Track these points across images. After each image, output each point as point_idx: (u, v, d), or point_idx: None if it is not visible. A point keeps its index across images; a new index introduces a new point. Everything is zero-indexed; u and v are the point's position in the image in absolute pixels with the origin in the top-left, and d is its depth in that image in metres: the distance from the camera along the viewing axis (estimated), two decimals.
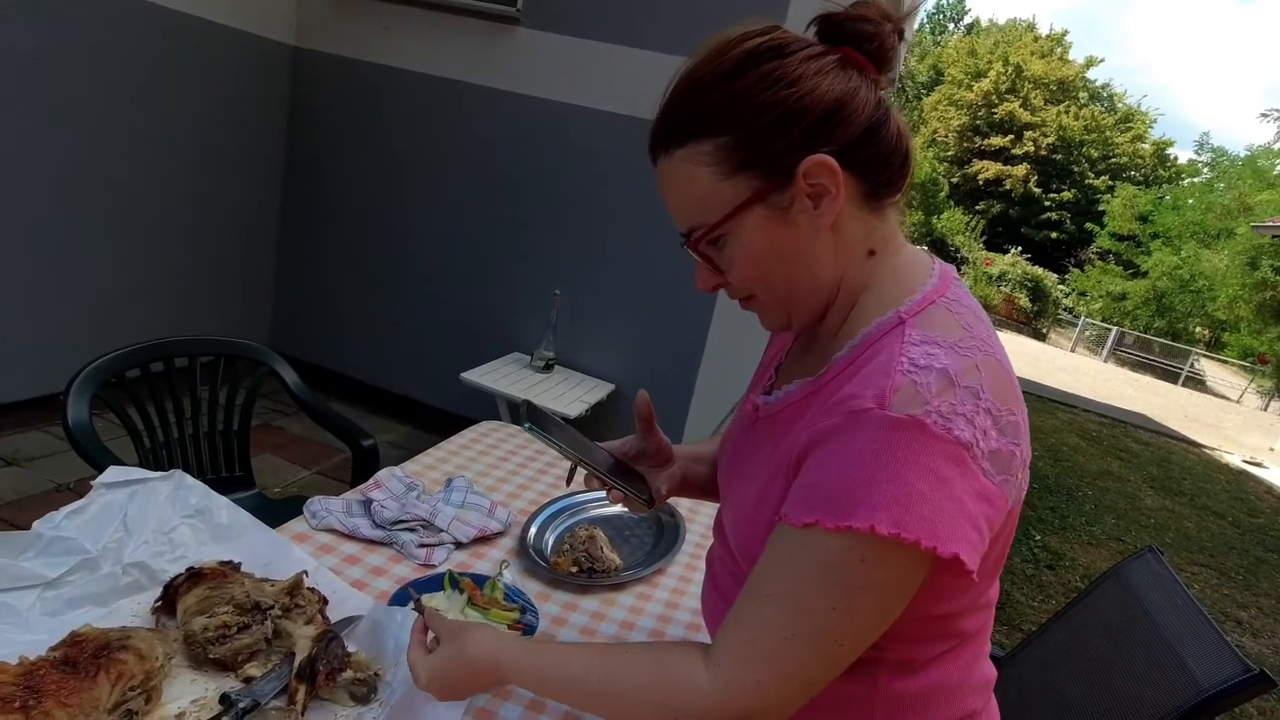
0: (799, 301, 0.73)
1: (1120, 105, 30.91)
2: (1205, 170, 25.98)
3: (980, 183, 27.89)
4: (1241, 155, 25.77)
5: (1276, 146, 23.04)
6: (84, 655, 0.78)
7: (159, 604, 0.94)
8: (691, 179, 0.69)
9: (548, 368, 2.92)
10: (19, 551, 0.92)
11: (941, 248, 24.98)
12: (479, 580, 1.13)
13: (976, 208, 27.34)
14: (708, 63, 0.69)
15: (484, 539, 1.31)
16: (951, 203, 27.46)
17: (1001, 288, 22.24)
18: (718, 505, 0.98)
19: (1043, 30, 31.08)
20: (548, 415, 0.93)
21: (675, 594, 1.28)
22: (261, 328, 3.63)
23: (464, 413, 2.77)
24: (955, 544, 0.58)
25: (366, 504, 1.30)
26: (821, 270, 0.71)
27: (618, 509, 1.50)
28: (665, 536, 1.45)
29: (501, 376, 2.80)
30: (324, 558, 1.17)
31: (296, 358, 3.59)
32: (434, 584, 1.12)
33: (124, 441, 1.66)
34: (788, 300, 0.73)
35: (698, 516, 1.58)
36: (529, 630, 1.05)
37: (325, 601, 1.01)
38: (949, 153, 29.35)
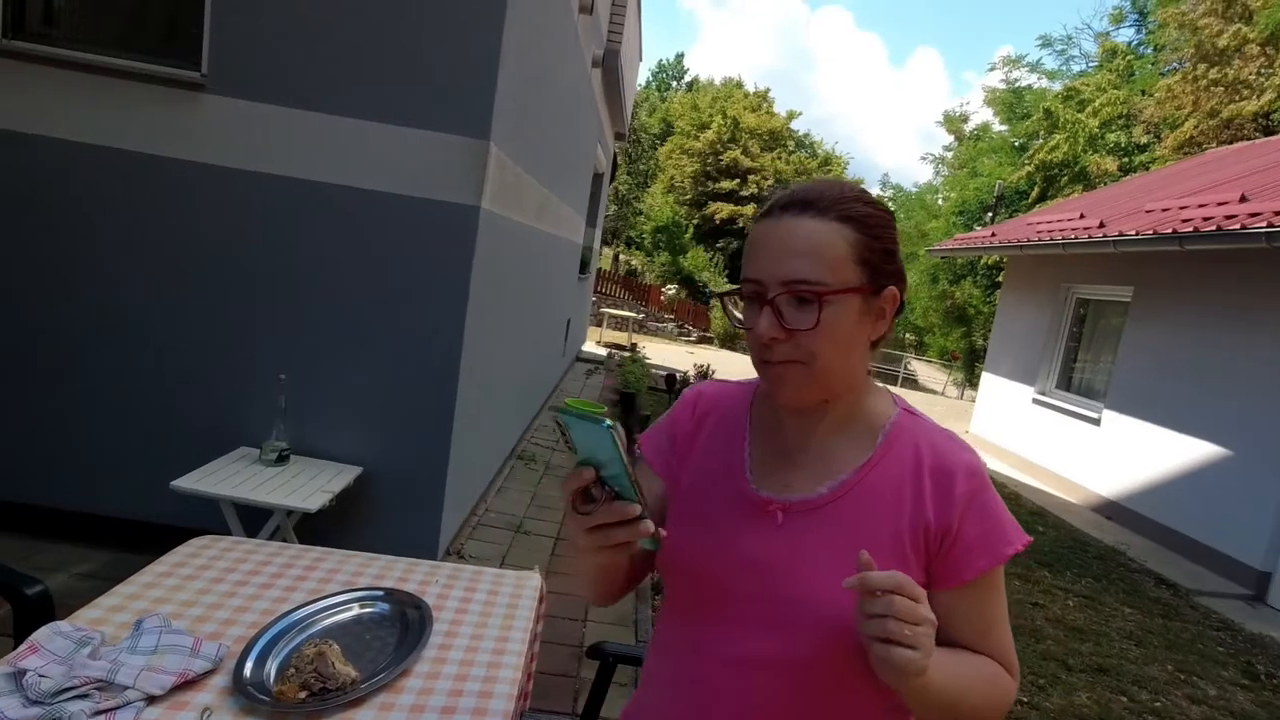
0: (833, 381, 0.89)
1: (820, 151, 35.78)
2: (890, 204, 30.76)
3: (717, 222, 30.55)
4: (914, 191, 30.96)
5: (936, 182, 28.00)
6: None
7: None
8: (834, 244, 0.85)
9: (281, 459, 2.65)
10: None
11: (691, 284, 26.95)
12: None
13: (717, 245, 29.86)
14: (860, 189, 0.91)
15: (187, 684, 1.13)
16: (695, 242, 29.78)
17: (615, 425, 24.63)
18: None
19: (750, 88, 35.12)
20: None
21: (421, 695, 1.20)
22: None
23: (188, 524, 2.41)
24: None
25: (18, 676, 1.07)
26: (856, 365, 0.91)
27: (354, 614, 1.40)
28: (410, 634, 1.36)
29: (226, 478, 2.49)
30: None
31: None
32: None
33: None
34: (825, 376, 0.87)
35: (446, 605, 1.51)
36: None
37: None
38: (687, 196, 31.88)
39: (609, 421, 0.71)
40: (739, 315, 0.93)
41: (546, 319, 6.06)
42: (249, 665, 1.18)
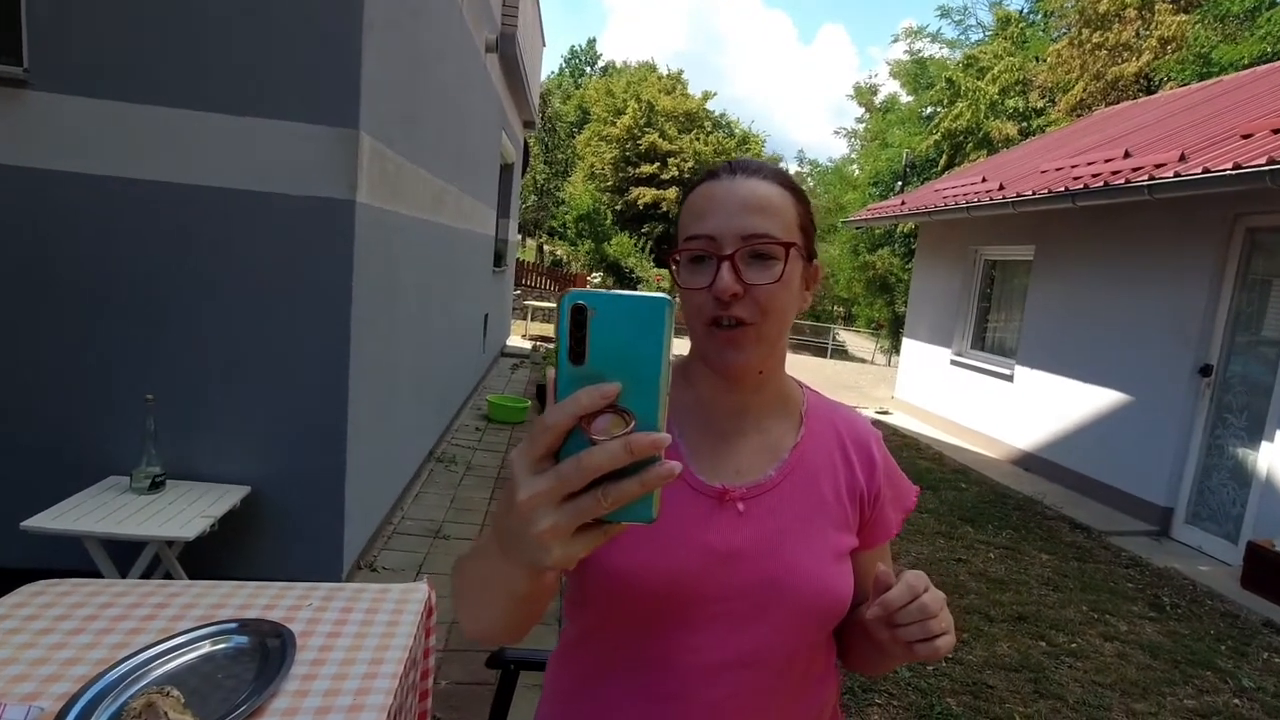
0: (775, 346, 0.87)
1: (737, 130, 36.05)
2: (808, 179, 31.37)
3: (640, 207, 30.50)
4: (830, 165, 31.58)
5: (851, 156, 28.60)
6: None
7: None
8: (785, 206, 0.85)
9: (155, 486, 2.45)
10: None
11: (618, 270, 26.86)
12: None
13: (642, 230, 29.83)
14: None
15: None
16: (618, 228, 29.67)
17: (675, 299, 24.53)
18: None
19: (663, 70, 35.09)
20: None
21: None
22: None
23: (53, 566, 2.20)
24: None
25: None
26: (786, 335, 0.89)
27: (202, 652, 1.27)
28: (270, 666, 1.23)
29: (89, 512, 2.28)
30: None
31: None
32: None
33: None
34: (770, 339, 0.85)
35: (316, 630, 1.39)
36: None
37: None
38: (608, 183, 31.70)
39: (669, 297, 0.48)
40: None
41: (458, 316, 5.87)
42: None
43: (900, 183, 18.97)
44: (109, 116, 2.47)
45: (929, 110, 23.16)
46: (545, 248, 31.03)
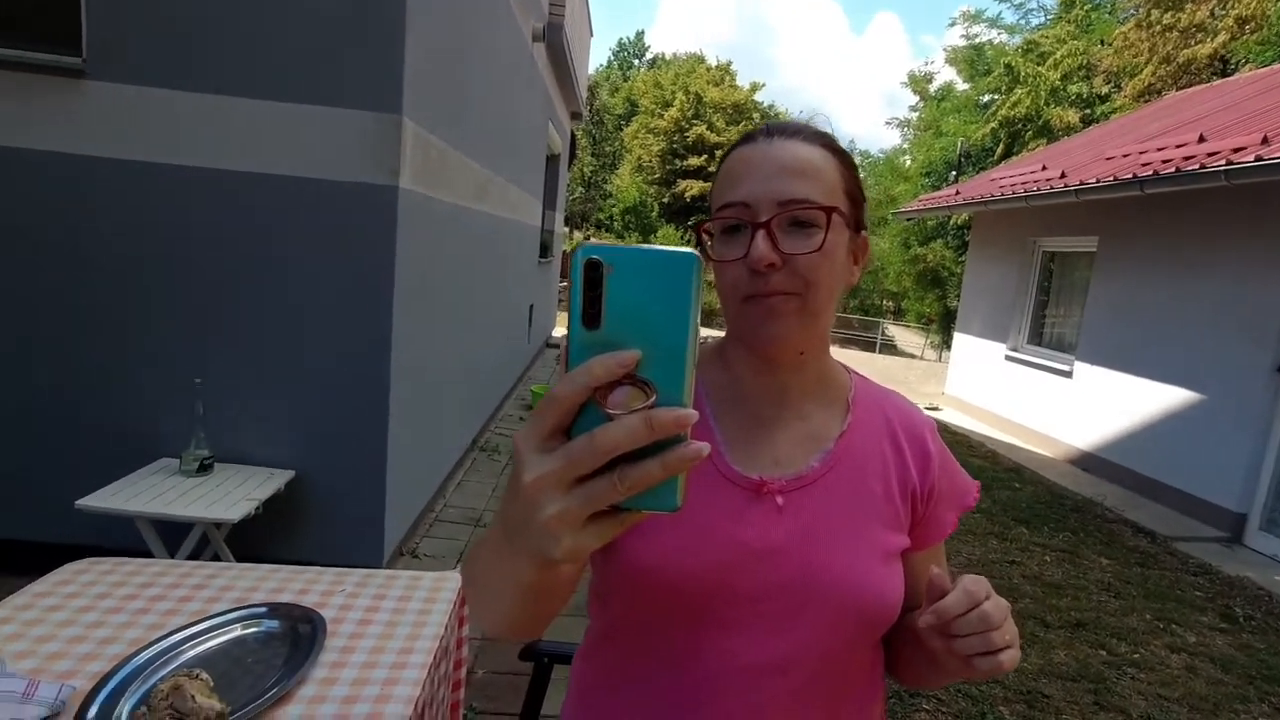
0: (820, 322, 0.79)
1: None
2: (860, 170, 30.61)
3: (688, 199, 30.33)
4: (881, 156, 30.91)
5: (904, 146, 27.94)
6: None
7: None
8: (827, 169, 0.78)
9: (204, 469, 2.49)
10: None
11: None
12: None
13: (688, 223, 29.67)
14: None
15: None
16: (663, 221, 29.56)
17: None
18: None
19: (711, 62, 34.76)
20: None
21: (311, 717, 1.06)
22: None
23: (106, 544, 2.25)
24: None
25: None
26: (832, 313, 0.81)
27: (234, 636, 1.26)
28: (299, 652, 1.22)
29: (140, 492, 2.32)
30: None
31: None
32: None
33: None
34: (815, 314, 0.77)
35: (348, 617, 1.37)
36: None
37: None
38: (655, 175, 31.60)
39: (694, 251, 0.41)
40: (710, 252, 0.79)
41: (503, 305, 5.89)
42: (94, 709, 1.04)
43: (954, 173, 18.41)
44: (158, 104, 2.50)
45: (986, 98, 22.45)
46: (591, 240, 31.12)
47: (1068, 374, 7.17)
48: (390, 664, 1.24)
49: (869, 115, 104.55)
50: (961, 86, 24.74)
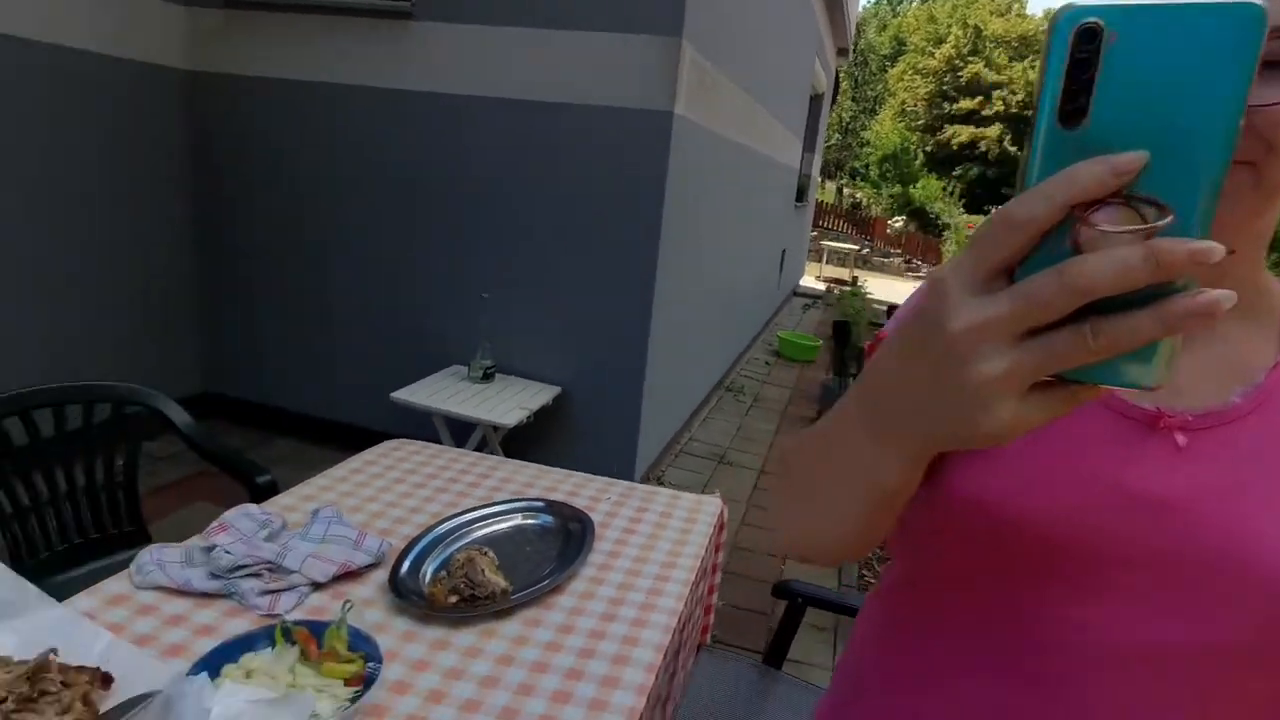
0: (1270, 208, 0.56)
1: None
2: None
3: (954, 148, 27.70)
4: None
5: None
6: None
7: None
8: None
9: (487, 377, 2.74)
10: None
11: (921, 216, 24.83)
12: (317, 629, 0.95)
13: (953, 173, 27.16)
14: None
15: (349, 575, 1.13)
16: (927, 170, 27.29)
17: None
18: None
19: None
20: None
21: (572, 615, 1.10)
22: (191, 374, 3.44)
23: (404, 432, 2.59)
24: None
25: (208, 550, 1.12)
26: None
27: (514, 524, 1.34)
28: (570, 548, 1.27)
29: (435, 392, 2.62)
30: (139, 623, 0.99)
31: (236, 398, 3.44)
32: (261, 639, 0.94)
33: None
34: (1272, 195, 0.54)
35: (613, 524, 1.40)
36: (367, 683, 0.87)
37: (105, 681, 0.83)
38: (919, 121, 29.18)
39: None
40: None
41: (758, 246, 5.79)
42: (405, 565, 1.16)
43: None
44: (469, 39, 2.72)
45: None
46: (845, 190, 29.72)
47: None
48: (654, 575, 1.25)
49: None
50: None
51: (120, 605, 1.02)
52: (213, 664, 0.88)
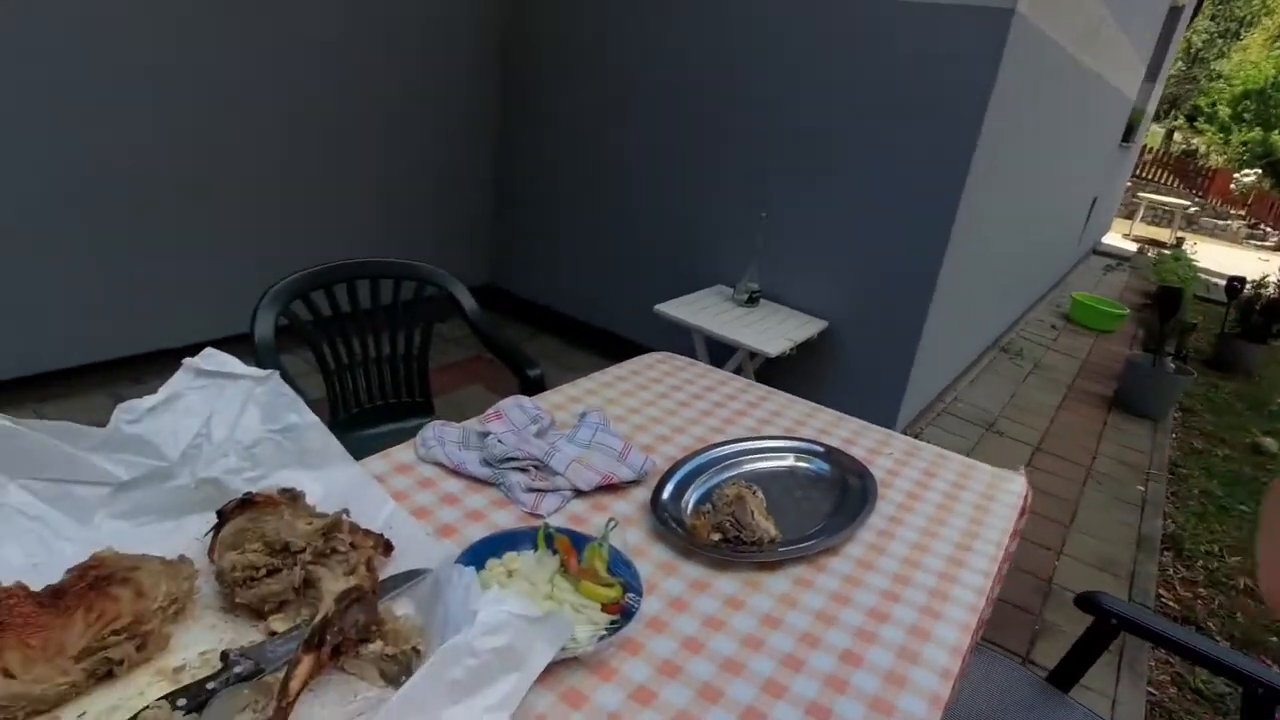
0: None
1: None
2: None
3: None
4: None
5: None
6: (80, 585, 0.67)
7: (210, 532, 0.82)
8: None
9: (752, 301, 2.60)
10: (94, 445, 0.84)
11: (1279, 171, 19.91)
12: (579, 541, 0.89)
13: None
14: None
15: (610, 488, 1.07)
16: None
17: None
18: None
19: None
20: None
21: (847, 584, 0.95)
22: (481, 267, 3.71)
23: (660, 347, 2.57)
24: None
25: (483, 436, 1.12)
26: None
27: (786, 464, 1.20)
28: (848, 503, 1.11)
29: (699, 310, 2.54)
30: (419, 494, 1.01)
31: (513, 294, 3.67)
32: (525, 539, 0.90)
33: (306, 360, 1.67)
34: None
35: (895, 483, 1.21)
36: (626, 615, 0.80)
37: (387, 549, 0.84)
38: None
39: None
40: None
41: (1066, 193, 4.95)
42: (669, 488, 1.07)
43: None
44: None
45: None
46: (1176, 134, 24.74)
47: None
48: (947, 556, 1.05)
49: None
50: None
51: (405, 474, 1.05)
52: (479, 554, 0.86)
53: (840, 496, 1.14)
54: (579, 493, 1.05)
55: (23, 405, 2.41)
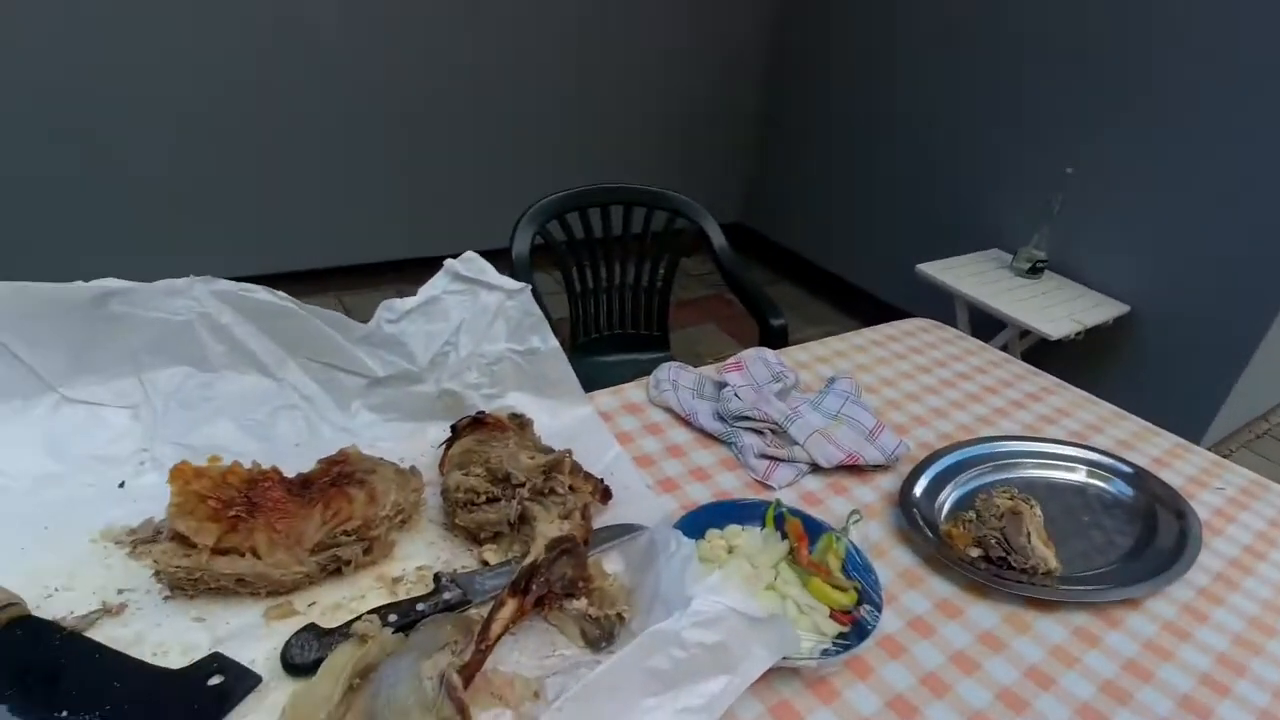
0: None
1: None
2: None
3: None
4: None
5: None
6: (324, 479, 0.69)
7: (443, 445, 0.82)
8: None
9: (1034, 271, 2.23)
10: (358, 338, 0.88)
11: None
12: (813, 527, 0.78)
13: None
14: None
15: (853, 469, 0.94)
16: None
17: None
18: None
19: None
20: None
21: (1149, 653, 0.74)
22: (733, 204, 3.60)
23: (917, 313, 2.31)
24: None
25: (720, 387, 1.03)
26: None
27: (1077, 478, 0.98)
28: (1156, 545, 0.87)
29: (968, 275, 2.23)
30: (644, 440, 0.95)
31: (762, 235, 3.53)
32: (752, 514, 0.80)
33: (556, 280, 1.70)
34: None
35: (1229, 527, 0.94)
36: (860, 629, 0.68)
37: (605, 496, 0.79)
38: None
39: None
40: None
41: None
42: (922, 481, 0.91)
43: None
44: None
45: None
46: None
47: None
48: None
49: None
50: None
51: (633, 414, 1.00)
52: (699, 521, 0.78)
53: (1145, 533, 0.90)
54: (816, 468, 0.93)
55: (326, 293, 2.77)
